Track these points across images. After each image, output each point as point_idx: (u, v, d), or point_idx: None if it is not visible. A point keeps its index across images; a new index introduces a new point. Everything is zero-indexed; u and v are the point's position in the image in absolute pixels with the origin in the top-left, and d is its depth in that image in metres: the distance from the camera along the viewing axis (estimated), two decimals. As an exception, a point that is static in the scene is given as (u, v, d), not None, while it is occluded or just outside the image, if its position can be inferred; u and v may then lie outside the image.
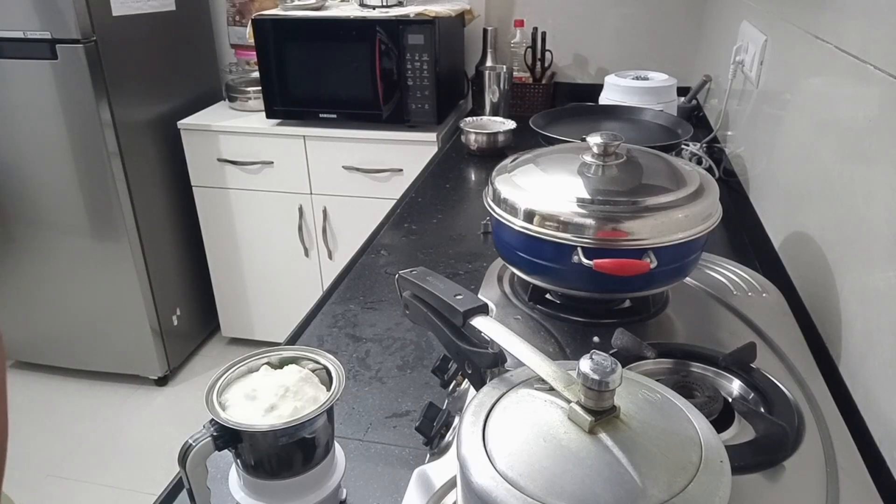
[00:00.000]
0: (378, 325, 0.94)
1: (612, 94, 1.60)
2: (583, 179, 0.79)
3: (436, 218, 1.32)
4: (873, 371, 0.68)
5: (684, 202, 0.75)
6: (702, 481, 0.36)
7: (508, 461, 0.38)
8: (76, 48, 1.89)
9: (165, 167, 2.26)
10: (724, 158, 1.50)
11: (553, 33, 2.13)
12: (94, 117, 1.98)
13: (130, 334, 2.28)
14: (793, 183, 1.02)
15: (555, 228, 0.74)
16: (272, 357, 0.63)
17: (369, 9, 2.04)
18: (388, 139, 2.04)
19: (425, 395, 0.79)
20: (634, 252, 0.73)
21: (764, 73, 1.27)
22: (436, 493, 0.57)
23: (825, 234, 0.86)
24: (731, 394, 0.66)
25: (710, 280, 0.90)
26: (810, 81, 0.99)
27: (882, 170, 0.71)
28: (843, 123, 0.83)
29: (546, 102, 2.13)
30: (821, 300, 0.85)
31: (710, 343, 0.73)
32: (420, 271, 0.60)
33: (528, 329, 0.81)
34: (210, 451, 0.55)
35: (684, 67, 2.07)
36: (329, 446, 0.61)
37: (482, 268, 0.99)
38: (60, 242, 2.17)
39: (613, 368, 0.38)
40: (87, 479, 2.00)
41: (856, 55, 0.80)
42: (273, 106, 2.10)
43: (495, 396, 0.43)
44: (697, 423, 0.41)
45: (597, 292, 0.81)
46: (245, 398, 0.58)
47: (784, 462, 0.57)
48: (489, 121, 1.82)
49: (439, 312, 0.56)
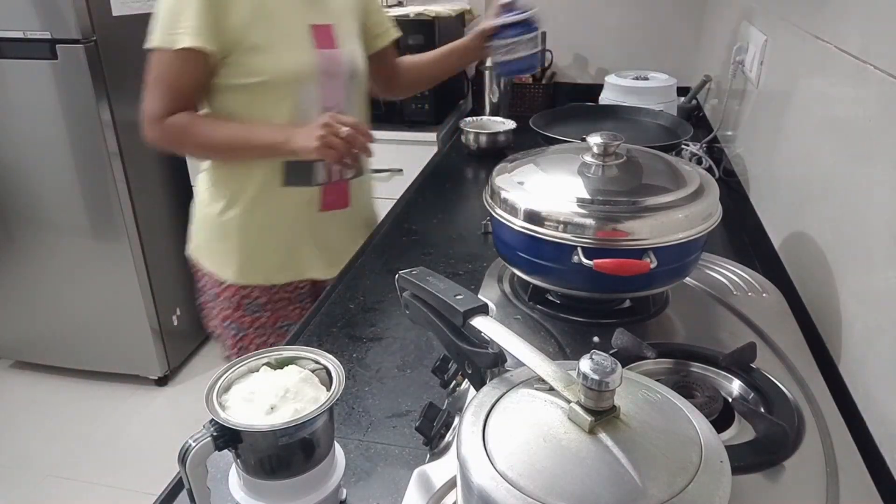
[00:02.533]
0: (378, 325, 0.94)
1: (612, 94, 1.60)
2: (583, 179, 0.79)
3: (436, 218, 1.32)
4: (873, 371, 0.68)
5: (684, 202, 0.75)
6: (702, 481, 0.36)
7: (508, 461, 0.38)
8: (76, 48, 1.89)
9: (165, 167, 2.26)
10: (724, 158, 1.50)
11: (553, 33, 2.13)
12: (94, 117, 1.98)
13: (130, 334, 2.28)
14: (793, 183, 1.02)
15: (555, 228, 0.74)
16: (272, 357, 0.63)
17: (369, 9, 2.04)
18: (387, 139, 2.04)
19: (425, 395, 0.79)
20: (634, 252, 0.73)
21: (764, 73, 1.27)
22: (436, 493, 0.57)
23: (825, 234, 0.86)
24: (731, 394, 0.66)
25: (710, 280, 0.90)
26: (810, 81, 0.99)
27: (882, 170, 0.71)
28: (843, 123, 0.83)
29: (546, 102, 2.13)
30: (821, 300, 0.85)
31: (710, 343, 0.73)
32: (420, 271, 0.60)
33: (528, 329, 0.81)
34: (210, 451, 0.55)
35: (684, 67, 2.07)
36: (329, 446, 0.61)
37: (482, 268, 0.99)
38: (60, 242, 2.17)
39: (613, 368, 0.38)
40: (87, 479, 2.00)
41: (856, 55, 0.80)
42: (273, 106, 2.09)
43: (495, 396, 0.43)
44: (697, 423, 0.41)
45: (597, 292, 0.81)
46: (245, 398, 0.58)
47: (784, 462, 0.57)
48: (489, 121, 1.81)
49: (439, 312, 0.56)
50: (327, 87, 1.12)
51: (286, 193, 1.15)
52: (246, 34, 1.03)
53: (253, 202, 1.15)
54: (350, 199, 1.24)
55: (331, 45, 1.12)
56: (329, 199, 1.19)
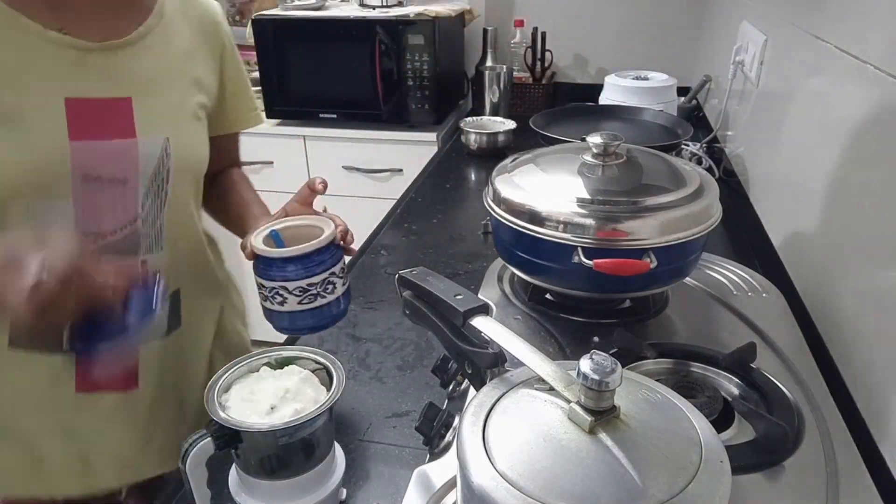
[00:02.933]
0: (378, 325, 0.94)
1: (612, 94, 1.60)
2: (583, 179, 0.79)
3: (436, 218, 1.32)
4: (873, 371, 0.68)
5: (684, 202, 0.75)
6: (702, 481, 0.36)
7: (508, 461, 0.38)
8: (76, 48, 1.88)
9: (165, 167, 2.25)
10: (724, 158, 1.50)
11: (553, 33, 2.13)
12: (94, 117, 1.97)
13: (130, 334, 2.27)
14: (793, 183, 1.02)
15: (555, 228, 0.74)
16: (272, 357, 0.63)
17: (369, 9, 2.04)
18: (388, 139, 2.04)
19: (425, 395, 0.79)
20: (634, 252, 0.73)
21: (764, 73, 1.27)
22: (436, 493, 0.57)
23: (825, 234, 0.86)
24: (731, 394, 0.66)
25: (710, 280, 0.90)
26: (810, 81, 0.99)
27: (882, 170, 0.71)
28: (843, 123, 0.83)
29: (546, 102, 2.13)
30: (821, 300, 0.85)
31: (710, 343, 0.73)
32: (420, 271, 0.60)
33: (528, 329, 0.81)
34: (210, 451, 0.55)
35: (684, 67, 2.07)
36: (329, 446, 0.61)
37: (482, 268, 0.98)
38: (60, 242, 2.16)
39: (613, 368, 0.38)
40: (87, 479, 1.99)
41: (856, 55, 0.80)
42: (273, 106, 2.10)
43: (495, 396, 0.43)
44: (697, 423, 0.41)
45: (597, 292, 0.81)
46: (245, 398, 0.58)
47: (784, 462, 0.57)
48: (489, 121, 1.81)
49: (439, 312, 0.56)
50: (94, 200, 0.70)
51: (13, 362, 0.72)
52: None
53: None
54: (140, 374, 0.79)
55: (109, 133, 0.70)
56: (93, 371, 0.74)
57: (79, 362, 0.73)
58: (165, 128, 0.74)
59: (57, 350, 0.63)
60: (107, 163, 0.70)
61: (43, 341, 0.65)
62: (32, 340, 0.66)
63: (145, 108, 0.72)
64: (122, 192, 0.71)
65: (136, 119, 0.71)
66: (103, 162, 0.70)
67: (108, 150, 0.70)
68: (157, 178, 0.74)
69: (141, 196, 0.73)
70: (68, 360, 0.73)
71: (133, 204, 0.73)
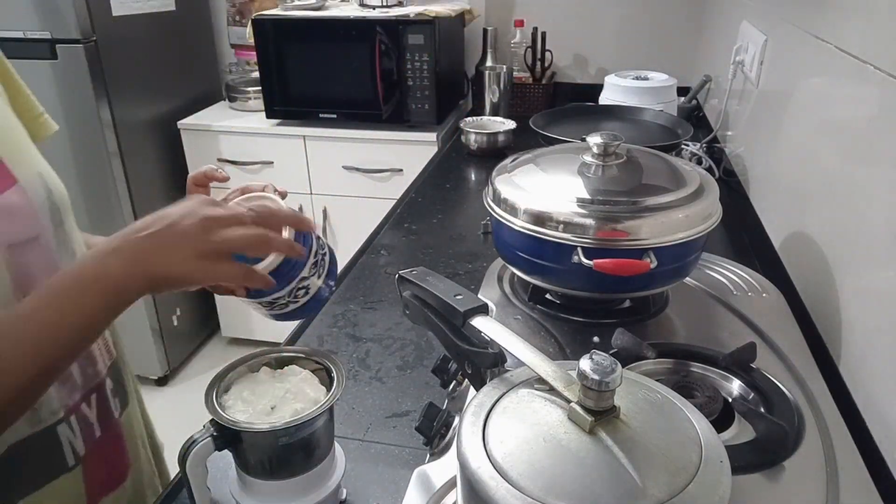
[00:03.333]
0: (378, 325, 0.94)
1: (612, 94, 1.60)
2: (583, 179, 0.79)
3: (436, 218, 1.32)
4: (873, 371, 0.68)
5: (684, 202, 0.75)
6: (702, 481, 0.36)
7: (508, 461, 0.38)
8: (76, 48, 1.89)
9: (165, 167, 2.26)
10: (724, 158, 1.50)
11: (553, 33, 2.13)
12: (94, 117, 1.97)
13: (130, 334, 2.26)
14: (793, 183, 1.02)
15: (555, 228, 0.74)
16: (272, 357, 0.63)
17: (369, 9, 2.04)
18: (388, 139, 2.04)
19: (425, 395, 0.79)
20: (634, 252, 0.73)
21: (764, 73, 1.27)
22: (436, 493, 0.57)
23: (825, 234, 0.86)
24: (731, 394, 0.66)
25: (710, 280, 0.90)
26: (810, 81, 0.99)
27: (882, 170, 0.71)
28: (843, 123, 0.83)
29: (546, 102, 2.13)
30: (821, 300, 0.85)
31: (710, 343, 0.73)
32: (420, 271, 0.60)
33: (528, 329, 0.81)
34: (210, 451, 0.55)
35: (684, 67, 2.07)
36: (329, 446, 0.61)
37: (482, 268, 0.98)
38: (60, 243, 2.16)
39: (613, 368, 0.38)
40: (87, 479, 1.99)
41: (856, 55, 0.80)
42: (273, 106, 2.10)
43: (495, 396, 0.43)
44: (697, 423, 0.41)
45: (597, 292, 0.81)
46: (245, 398, 0.58)
47: (784, 462, 0.57)
48: (489, 121, 1.81)
49: (439, 312, 0.56)
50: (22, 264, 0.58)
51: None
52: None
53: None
54: (131, 463, 0.71)
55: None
56: (101, 472, 0.66)
57: (87, 463, 0.64)
58: (33, 166, 0.64)
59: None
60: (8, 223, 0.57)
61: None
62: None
63: (16, 154, 0.62)
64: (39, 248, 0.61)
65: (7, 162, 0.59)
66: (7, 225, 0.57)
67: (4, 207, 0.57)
68: (55, 217, 0.65)
69: (54, 231, 0.64)
70: (78, 470, 0.63)
71: (47, 241, 0.64)
